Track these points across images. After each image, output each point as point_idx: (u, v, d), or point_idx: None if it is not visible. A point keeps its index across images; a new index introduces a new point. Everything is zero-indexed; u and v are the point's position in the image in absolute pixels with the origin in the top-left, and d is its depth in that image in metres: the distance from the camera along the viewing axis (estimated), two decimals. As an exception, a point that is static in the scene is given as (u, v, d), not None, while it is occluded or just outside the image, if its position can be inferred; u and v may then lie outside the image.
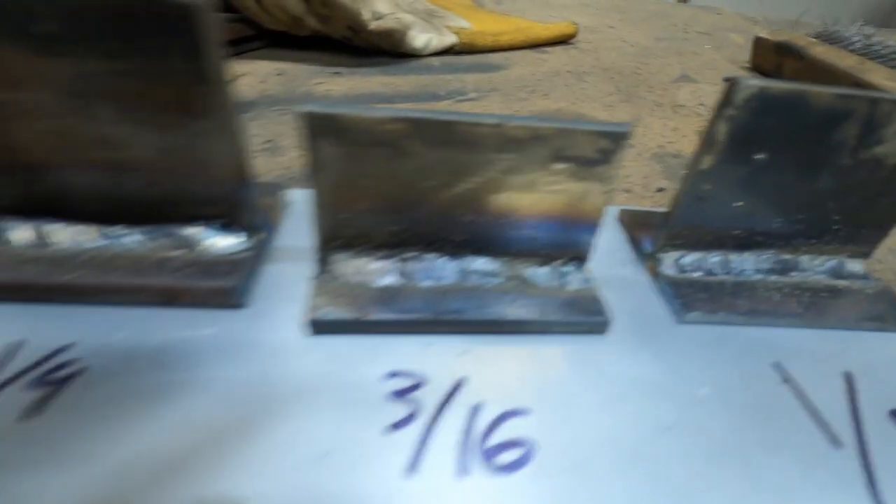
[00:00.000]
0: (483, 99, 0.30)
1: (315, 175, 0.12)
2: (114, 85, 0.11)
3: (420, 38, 0.35)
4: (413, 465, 0.10)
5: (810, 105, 0.13)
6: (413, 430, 0.11)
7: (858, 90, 0.13)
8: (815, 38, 0.38)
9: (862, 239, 0.16)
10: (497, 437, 0.11)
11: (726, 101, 0.13)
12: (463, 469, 0.10)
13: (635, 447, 0.11)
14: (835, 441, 0.12)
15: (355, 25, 0.32)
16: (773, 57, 0.38)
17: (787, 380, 0.13)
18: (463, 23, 0.40)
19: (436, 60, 0.36)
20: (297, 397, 0.11)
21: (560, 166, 0.12)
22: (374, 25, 0.32)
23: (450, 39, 0.37)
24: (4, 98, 0.11)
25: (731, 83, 0.13)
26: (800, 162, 0.14)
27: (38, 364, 0.11)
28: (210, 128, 0.12)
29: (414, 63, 0.35)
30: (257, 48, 0.34)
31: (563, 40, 0.42)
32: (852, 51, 0.34)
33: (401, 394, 0.11)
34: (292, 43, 0.35)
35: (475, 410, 0.11)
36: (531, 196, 0.13)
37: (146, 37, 0.11)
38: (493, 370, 0.12)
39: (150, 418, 0.10)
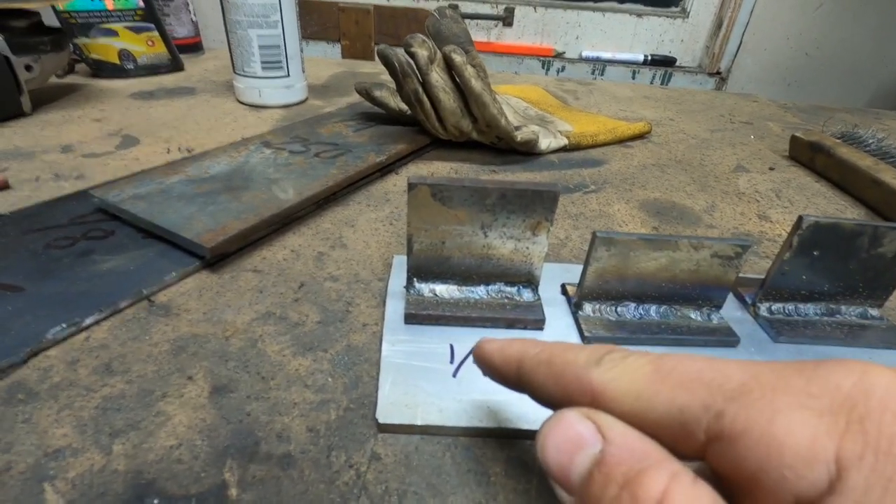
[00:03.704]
0: (601, 191, 0.43)
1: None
2: (506, 224, 0.24)
3: (543, 143, 0.49)
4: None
5: (843, 228, 0.25)
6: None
7: (867, 221, 0.25)
8: (838, 138, 0.50)
9: (876, 296, 0.27)
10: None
11: (797, 226, 0.25)
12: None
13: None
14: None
15: (504, 136, 0.46)
16: (807, 152, 0.50)
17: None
18: (567, 126, 0.54)
19: (554, 157, 0.49)
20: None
21: (716, 260, 0.24)
22: (519, 137, 0.46)
23: (562, 142, 0.50)
24: (452, 229, 0.24)
25: (800, 218, 0.25)
26: (837, 256, 0.26)
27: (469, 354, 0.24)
28: (535, 243, 0.25)
29: (542, 160, 0.48)
30: (428, 151, 0.48)
31: (641, 136, 0.56)
32: (867, 151, 0.46)
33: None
34: (451, 146, 0.49)
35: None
36: (696, 274, 0.25)
37: (531, 203, 0.23)
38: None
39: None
